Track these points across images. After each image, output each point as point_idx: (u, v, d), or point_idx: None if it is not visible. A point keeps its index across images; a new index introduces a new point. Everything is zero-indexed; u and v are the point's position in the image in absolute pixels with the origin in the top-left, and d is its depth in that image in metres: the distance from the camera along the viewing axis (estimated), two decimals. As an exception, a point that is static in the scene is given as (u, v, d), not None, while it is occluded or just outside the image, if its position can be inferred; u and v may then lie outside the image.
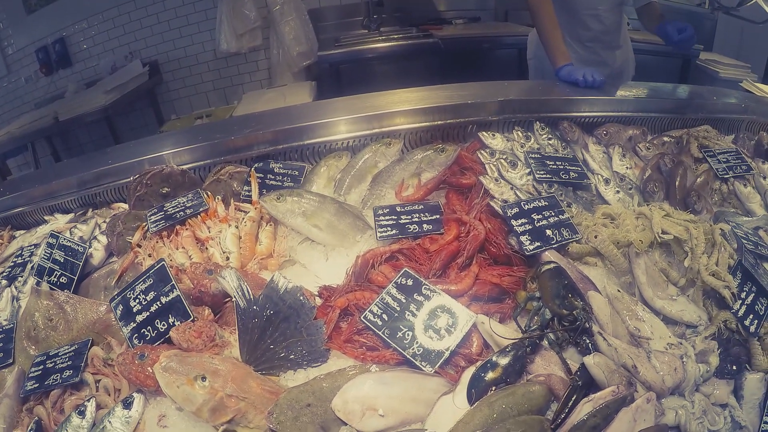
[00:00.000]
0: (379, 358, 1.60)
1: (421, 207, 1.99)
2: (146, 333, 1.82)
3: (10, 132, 6.11)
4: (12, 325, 2.25)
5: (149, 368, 1.66)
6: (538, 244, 1.88)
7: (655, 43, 3.92)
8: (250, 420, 1.53)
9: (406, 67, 4.98)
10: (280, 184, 2.36)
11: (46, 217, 2.85)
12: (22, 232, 2.97)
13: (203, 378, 1.53)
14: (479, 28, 5.42)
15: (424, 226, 1.92)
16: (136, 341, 1.82)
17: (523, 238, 1.87)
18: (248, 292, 1.70)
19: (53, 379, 1.90)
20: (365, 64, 5.16)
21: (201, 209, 2.21)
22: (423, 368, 1.56)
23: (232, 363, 1.60)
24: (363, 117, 2.38)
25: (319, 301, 1.77)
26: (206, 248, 2.05)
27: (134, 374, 1.68)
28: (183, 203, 2.28)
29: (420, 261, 1.80)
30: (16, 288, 2.49)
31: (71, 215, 2.77)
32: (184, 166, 2.48)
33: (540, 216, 1.96)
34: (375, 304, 1.67)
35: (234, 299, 1.69)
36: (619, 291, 1.86)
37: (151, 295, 1.85)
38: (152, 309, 1.84)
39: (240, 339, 1.66)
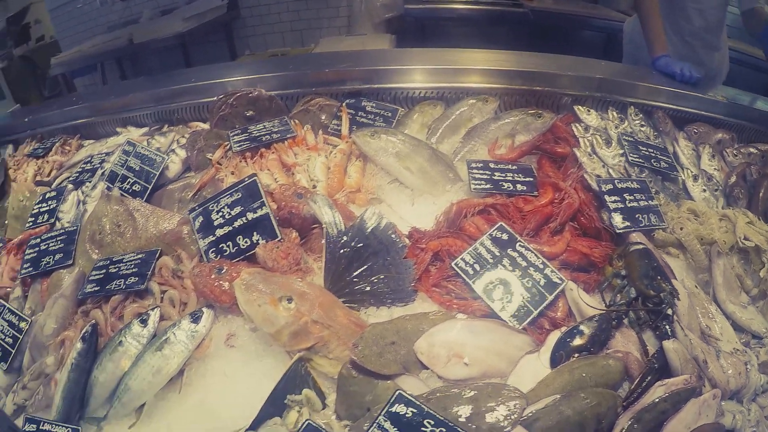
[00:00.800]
0: (465, 308, 1.56)
1: (514, 167, 1.94)
2: (225, 248, 1.76)
3: (82, 50, 6.07)
4: (75, 228, 2.22)
5: (226, 283, 1.61)
6: (628, 224, 1.83)
7: (746, 53, 3.80)
8: (330, 350, 1.47)
9: (491, 32, 4.78)
10: (371, 122, 2.31)
11: (118, 129, 2.83)
12: (91, 141, 2.94)
13: (289, 300, 1.47)
14: (570, 5, 5.12)
15: (518, 186, 1.87)
16: (212, 255, 1.77)
17: (614, 215, 1.82)
18: (340, 221, 1.64)
19: (116, 284, 1.86)
20: (450, 23, 4.99)
21: (288, 135, 2.16)
22: (510, 324, 1.51)
23: (320, 289, 1.55)
24: (459, 69, 2.33)
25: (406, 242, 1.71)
26: (293, 174, 2.00)
27: (209, 288, 1.63)
28: (269, 128, 2.22)
29: (513, 219, 1.75)
30: (83, 192, 2.45)
31: (145, 129, 2.72)
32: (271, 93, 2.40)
33: (632, 197, 1.91)
34: (468, 253, 1.62)
35: (324, 226, 1.63)
36: (696, 287, 1.83)
37: (236, 210, 1.79)
38: (236, 224, 1.78)
39: (326, 267, 1.61)
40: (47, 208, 2.43)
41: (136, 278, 1.83)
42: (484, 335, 1.47)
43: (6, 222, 2.62)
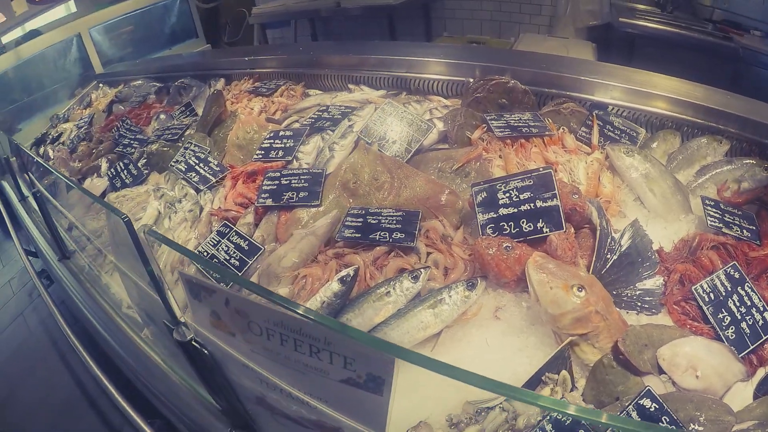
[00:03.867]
0: (696, 329, 1.79)
1: (740, 212, 2.13)
2: (505, 227, 1.87)
3: (286, 4, 6.28)
4: (321, 171, 2.31)
5: (512, 260, 1.74)
6: (825, 287, 2.03)
7: None
8: (599, 340, 1.61)
9: (695, 62, 4.54)
10: (617, 138, 2.43)
11: (350, 86, 2.94)
12: (317, 91, 3.08)
13: (579, 288, 1.59)
14: (781, 47, 4.76)
15: (744, 231, 2.06)
16: (489, 231, 1.88)
17: (818, 277, 2.03)
18: (610, 227, 1.84)
19: (380, 235, 1.95)
20: (656, 43, 4.84)
21: (547, 132, 2.28)
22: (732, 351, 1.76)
23: (600, 285, 1.72)
24: (700, 106, 2.43)
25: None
26: (555, 171, 2.13)
27: (495, 261, 1.74)
28: (525, 120, 2.34)
29: (739, 260, 1.96)
30: (323, 138, 2.59)
31: (382, 91, 2.83)
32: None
33: (831, 266, 2.10)
34: (705, 282, 1.85)
35: (598, 229, 1.83)
36: None
37: (525, 195, 1.90)
38: (522, 208, 1.89)
39: (594, 266, 1.80)
40: (281, 145, 2.58)
41: (403, 234, 1.93)
42: (715, 356, 1.71)
43: (225, 148, 2.83)
